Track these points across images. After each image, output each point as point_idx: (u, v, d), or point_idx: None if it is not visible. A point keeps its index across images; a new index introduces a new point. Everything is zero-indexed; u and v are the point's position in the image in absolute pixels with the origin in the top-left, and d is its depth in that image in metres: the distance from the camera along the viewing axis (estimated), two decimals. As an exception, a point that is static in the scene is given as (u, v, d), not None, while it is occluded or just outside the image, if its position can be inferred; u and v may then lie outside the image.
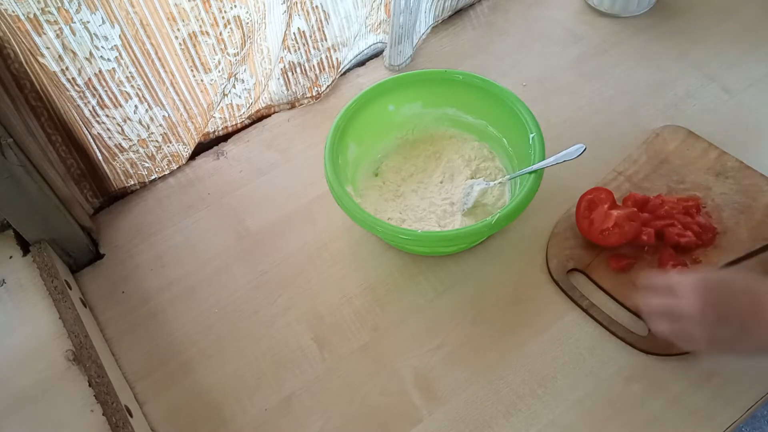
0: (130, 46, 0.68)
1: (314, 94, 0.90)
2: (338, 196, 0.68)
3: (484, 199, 0.75)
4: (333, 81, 0.90)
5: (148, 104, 0.74)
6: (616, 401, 0.63)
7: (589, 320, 0.68)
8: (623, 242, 0.69)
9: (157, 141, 0.79)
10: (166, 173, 0.84)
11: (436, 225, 0.74)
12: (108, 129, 0.73)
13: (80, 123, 0.72)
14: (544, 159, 0.69)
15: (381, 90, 0.77)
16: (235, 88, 0.82)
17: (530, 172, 0.68)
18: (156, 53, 0.70)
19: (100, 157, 0.76)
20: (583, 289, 0.69)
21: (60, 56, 0.64)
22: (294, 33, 0.81)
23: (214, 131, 0.87)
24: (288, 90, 0.88)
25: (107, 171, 0.78)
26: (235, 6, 0.71)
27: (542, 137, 0.71)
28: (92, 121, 0.71)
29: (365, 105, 0.76)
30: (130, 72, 0.70)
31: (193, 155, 0.86)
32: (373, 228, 0.66)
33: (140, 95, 0.72)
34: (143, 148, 0.78)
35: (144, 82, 0.72)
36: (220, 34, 0.73)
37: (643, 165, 0.77)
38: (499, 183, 0.75)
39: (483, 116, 0.78)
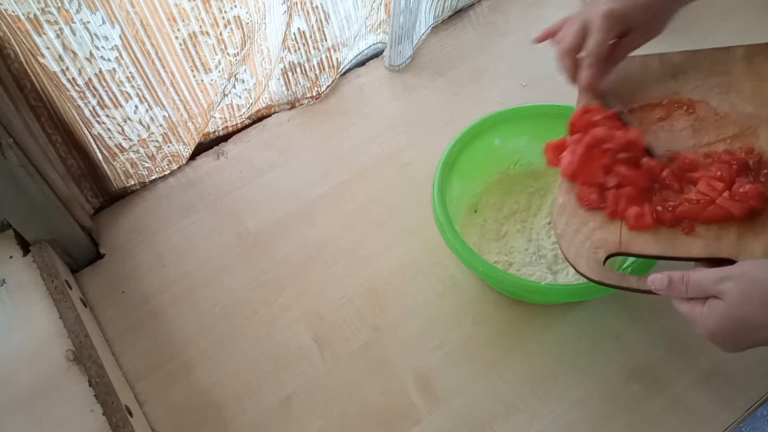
0: (131, 46, 0.68)
1: (314, 94, 0.90)
2: (451, 242, 0.63)
3: None
4: (333, 81, 0.90)
5: (149, 104, 0.74)
6: (616, 401, 0.63)
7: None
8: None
9: (157, 141, 0.79)
10: (166, 173, 0.84)
11: (547, 271, 0.69)
12: (108, 129, 0.73)
13: (80, 123, 0.72)
14: None
15: (488, 124, 0.73)
16: (235, 88, 0.82)
17: None
18: (156, 53, 0.70)
19: (101, 157, 0.76)
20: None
21: (60, 56, 0.64)
22: (294, 33, 0.81)
23: (215, 131, 0.87)
24: (288, 90, 0.88)
25: (107, 171, 0.79)
26: (235, 6, 0.71)
27: None
28: (92, 121, 0.71)
29: (472, 139, 0.72)
30: (130, 72, 0.70)
31: (194, 155, 0.86)
32: (491, 278, 0.63)
33: (140, 95, 0.73)
34: (143, 148, 0.78)
35: (144, 82, 0.72)
36: (221, 34, 0.73)
37: None
38: None
39: None
